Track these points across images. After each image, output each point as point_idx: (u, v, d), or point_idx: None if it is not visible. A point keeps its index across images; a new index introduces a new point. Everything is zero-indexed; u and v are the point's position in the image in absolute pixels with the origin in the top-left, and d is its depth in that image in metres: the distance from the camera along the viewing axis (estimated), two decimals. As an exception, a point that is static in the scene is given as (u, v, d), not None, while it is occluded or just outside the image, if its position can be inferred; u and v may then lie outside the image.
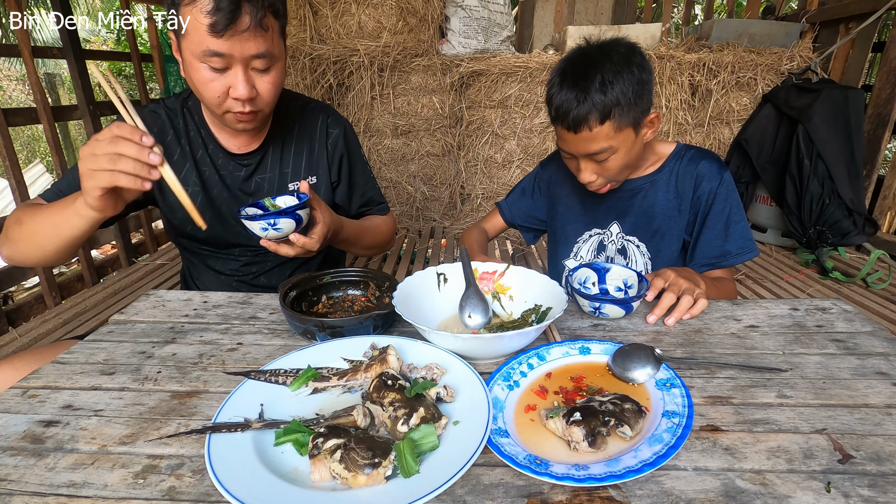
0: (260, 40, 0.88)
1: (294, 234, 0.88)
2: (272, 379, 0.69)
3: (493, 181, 3.39)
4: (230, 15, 0.83)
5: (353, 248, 1.19)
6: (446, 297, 0.91)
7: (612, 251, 1.22)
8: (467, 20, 3.24)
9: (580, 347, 0.76)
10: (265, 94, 0.95)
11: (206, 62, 0.88)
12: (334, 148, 1.20)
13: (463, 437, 0.57)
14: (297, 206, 0.89)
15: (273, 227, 0.87)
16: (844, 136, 2.61)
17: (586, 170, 1.04)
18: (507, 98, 3.13)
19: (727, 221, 1.11)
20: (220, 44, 0.85)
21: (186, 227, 1.13)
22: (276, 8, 0.90)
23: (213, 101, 0.93)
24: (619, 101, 0.94)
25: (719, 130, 3.22)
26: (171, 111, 1.10)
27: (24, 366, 0.92)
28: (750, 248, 1.12)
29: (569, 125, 0.98)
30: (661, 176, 1.15)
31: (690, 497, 0.50)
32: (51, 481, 0.54)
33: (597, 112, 0.94)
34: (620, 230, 1.20)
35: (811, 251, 2.75)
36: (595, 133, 0.97)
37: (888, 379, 0.70)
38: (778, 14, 3.85)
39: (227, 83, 0.91)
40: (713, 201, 1.11)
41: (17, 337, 2.07)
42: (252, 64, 0.91)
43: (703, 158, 1.13)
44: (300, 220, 0.89)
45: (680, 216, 1.15)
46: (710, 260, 1.13)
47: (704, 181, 1.11)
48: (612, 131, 0.97)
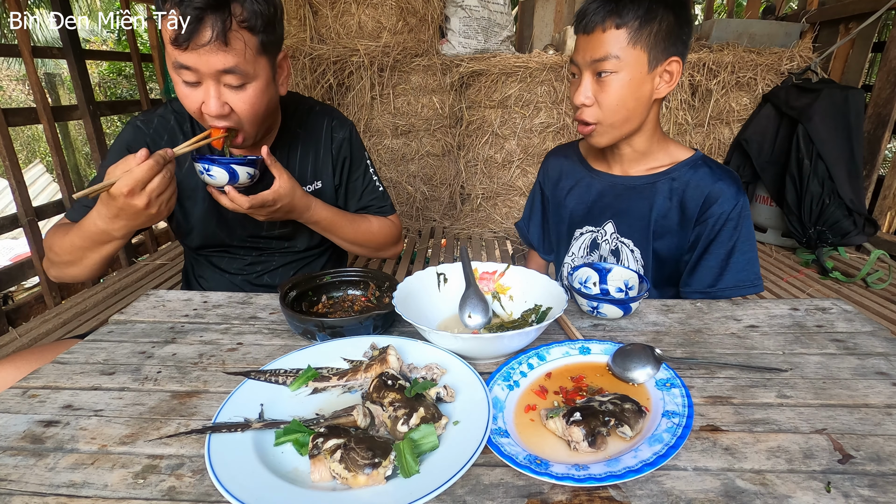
0: (226, 55, 0.85)
1: (228, 187, 0.94)
2: (272, 379, 0.69)
3: (493, 181, 3.39)
4: (191, 27, 0.81)
5: (331, 235, 1.16)
6: (446, 297, 0.91)
7: (606, 251, 1.15)
8: (467, 20, 3.24)
9: (580, 347, 0.76)
10: (241, 112, 0.92)
11: (180, 75, 0.88)
12: (338, 152, 1.20)
13: (463, 437, 0.57)
14: (237, 160, 0.92)
15: (206, 172, 0.91)
16: (844, 136, 2.61)
17: (584, 86, 0.97)
18: (507, 98, 3.13)
19: (731, 251, 1.02)
20: (186, 57, 0.85)
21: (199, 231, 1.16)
22: (251, 24, 0.86)
23: (195, 114, 0.94)
24: (644, 18, 0.91)
25: (719, 130, 3.22)
26: (178, 115, 1.11)
27: (26, 365, 0.92)
28: (752, 283, 1.02)
29: (585, 25, 0.94)
30: (665, 180, 1.06)
31: (690, 497, 0.50)
32: (51, 481, 0.54)
33: (617, 15, 0.91)
34: (615, 230, 1.13)
35: (811, 251, 2.75)
36: (607, 35, 0.92)
37: (888, 379, 0.70)
38: (778, 14, 3.85)
39: (201, 97, 0.90)
40: (722, 227, 1.01)
41: (17, 337, 2.07)
42: (223, 80, 0.88)
43: (720, 179, 1.02)
44: (234, 174, 0.92)
45: (680, 231, 1.06)
46: (701, 289, 1.05)
47: (716, 204, 1.01)
48: (625, 42, 0.92)
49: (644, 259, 1.11)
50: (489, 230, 3.39)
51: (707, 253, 1.04)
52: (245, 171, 0.93)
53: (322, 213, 1.10)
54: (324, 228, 1.13)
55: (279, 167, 0.98)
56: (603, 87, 0.96)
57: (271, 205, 0.98)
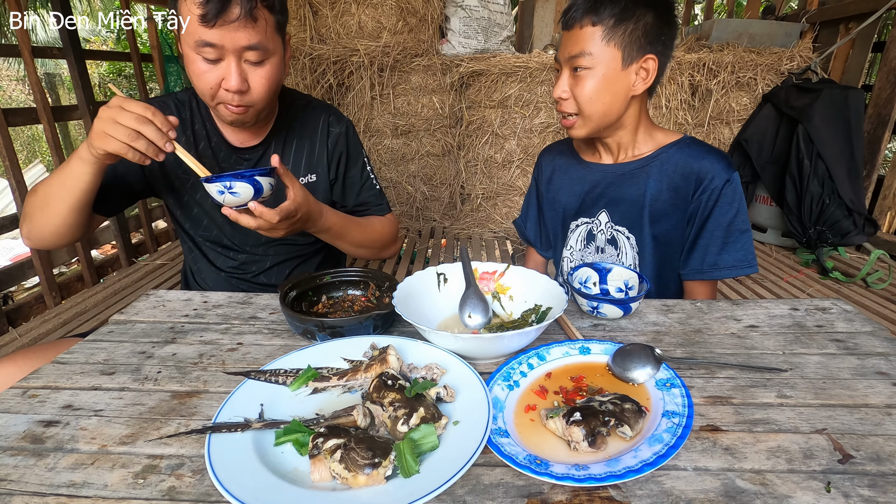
0: (251, 31, 0.90)
1: (253, 203, 0.85)
2: (272, 379, 0.69)
3: (493, 181, 3.39)
4: (219, 4, 0.85)
5: (340, 242, 1.14)
6: (446, 297, 0.91)
7: (602, 241, 1.16)
8: (467, 20, 3.24)
9: (580, 347, 0.76)
10: (257, 88, 0.96)
11: (200, 53, 0.91)
12: (334, 146, 1.20)
13: (463, 437, 0.57)
14: (257, 171, 0.84)
15: (229, 190, 0.83)
16: (844, 136, 2.61)
17: (562, 80, 1.02)
18: (507, 98, 3.13)
19: (728, 228, 1.03)
20: (212, 34, 0.88)
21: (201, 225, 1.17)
22: (270, 2, 0.92)
23: (207, 93, 0.96)
24: (620, 17, 0.94)
25: (719, 130, 3.22)
26: (179, 102, 1.13)
27: (27, 363, 0.93)
28: (748, 263, 1.04)
29: (566, 22, 0.99)
30: (655, 163, 1.07)
31: (690, 497, 0.50)
32: (51, 481, 0.54)
33: (594, 13, 0.94)
34: (609, 219, 1.13)
35: (811, 251, 2.75)
36: (583, 32, 0.96)
37: (888, 379, 0.70)
38: (778, 14, 3.85)
39: (220, 74, 0.93)
40: (715, 204, 1.02)
41: (17, 337, 2.07)
42: (245, 56, 0.92)
43: (708, 155, 1.03)
44: (259, 186, 0.84)
45: (673, 213, 1.06)
46: (700, 268, 1.06)
47: (707, 181, 1.02)
48: (599, 39, 0.95)
49: (639, 246, 1.12)
50: (489, 230, 3.40)
51: (703, 231, 1.05)
52: (267, 181, 0.86)
53: (332, 219, 1.07)
54: (334, 235, 1.10)
55: (290, 175, 0.94)
56: (578, 81, 1.00)
57: (294, 215, 0.92)
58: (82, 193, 0.93)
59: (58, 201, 0.93)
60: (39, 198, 0.96)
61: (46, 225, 0.97)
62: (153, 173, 1.11)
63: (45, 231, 0.98)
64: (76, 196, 0.92)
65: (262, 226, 0.89)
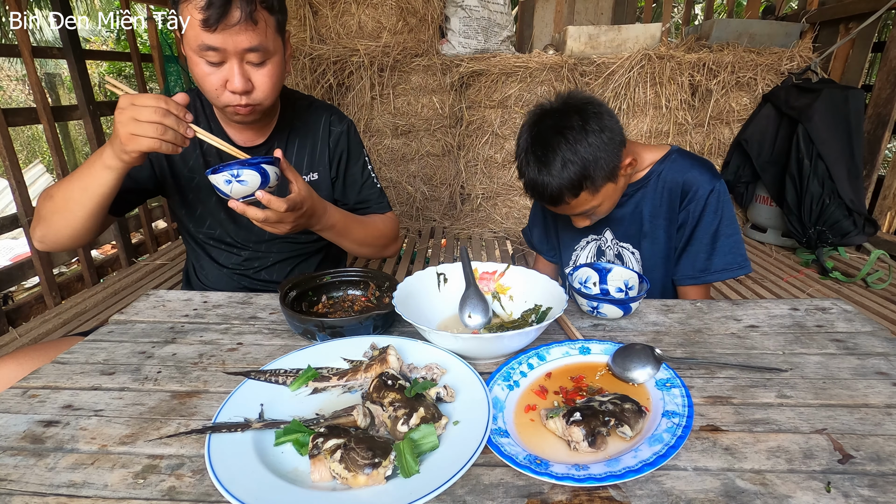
0: (252, 34, 0.91)
1: (261, 192, 0.85)
2: (272, 379, 0.69)
3: (493, 181, 3.39)
4: (220, 10, 0.86)
5: (343, 240, 1.14)
6: (446, 297, 0.91)
7: (611, 256, 1.22)
8: (467, 20, 3.24)
9: (580, 347, 0.76)
10: (262, 87, 0.98)
11: (203, 56, 0.92)
12: (336, 145, 1.22)
13: (463, 437, 0.57)
14: (263, 159, 0.84)
15: (236, 178, 0.83)
16: (844, 136, 2.61)
17: (578, 221, 1.10)
18: (507, 98, 3.13)
19: (715, 234, 1.07)
20: (214, 38, 0.89)
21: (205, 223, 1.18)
22: (269, 4, 0.93)
23: (213, 94, 0.97)
24: (587, 171, 0.96)
25: (719, 130, 3.22)
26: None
27: (29, 362, 0.93)
28: (739, 265, 1.08)
29: (546, 203, 1.03)
30: (650, 182, 1.12)
31: (690, 497, 0.50)
32: (51, 481, 0.54)
33: (568, 190, 0.98)
34: (614, 236, 1.20)
35: (811, 251, 2.75)
36: (574, 202, 1.01)
37: (888, 379, 0.70)
38: (778, 14, 3.85)
39: (223, 76, 0.94)
40: (702, 213, 1.07)
41: (17, 337, 2.07)
42: (247, 57, 0.94)
43: (693, 168, 1.08)
44: (266, 174, 0.85)
45: (668, 222, 1.12)
46: (692, 273, 1.10)
47: (692, 192, 1.07)
48: (590, 196, 1.00)
49: (643, 260, 1.17)
50: (489, 230, 3.39)
51: (693, 238, 1.10)
52: (273, 170, 0.87)
53: (336, 216, 1.08)
54: (338, 232, 1.10)
55: (293, 170, 0.95)
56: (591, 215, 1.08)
57: (300, 207, 0.93)
58: (104, 198, 0.93)
59: (79, 206, 0.94)
60: (58, 202, 0.96)
61: (65, 228, 0.97)
62: (163, 172, 1.12)
63: (63, 234, 0.98)
64: (97, 201, 0.93)
65: (270, 217, 0.89)
